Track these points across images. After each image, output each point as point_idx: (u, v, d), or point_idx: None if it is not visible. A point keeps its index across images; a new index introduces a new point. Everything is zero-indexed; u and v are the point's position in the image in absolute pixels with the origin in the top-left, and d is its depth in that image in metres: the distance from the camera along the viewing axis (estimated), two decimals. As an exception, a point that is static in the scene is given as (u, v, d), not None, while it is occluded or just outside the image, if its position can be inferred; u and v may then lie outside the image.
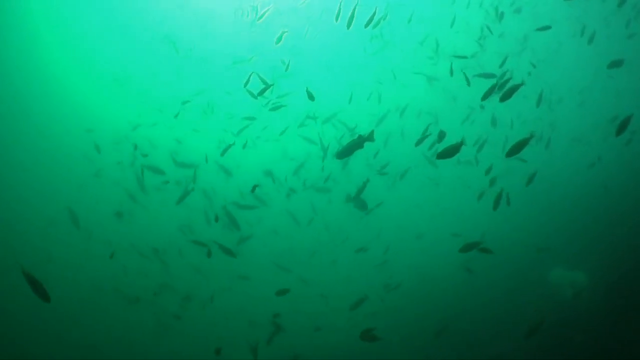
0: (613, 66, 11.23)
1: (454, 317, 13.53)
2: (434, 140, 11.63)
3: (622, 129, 7.74)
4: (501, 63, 10.46)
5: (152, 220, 16.69)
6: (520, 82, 7.20)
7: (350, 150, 7.57)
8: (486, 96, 8.06)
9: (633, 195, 14.49)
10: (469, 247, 7.52)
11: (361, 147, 7.50)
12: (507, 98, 7.31)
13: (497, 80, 9.37)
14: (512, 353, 11.68)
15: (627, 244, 12.61)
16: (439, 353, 12.82)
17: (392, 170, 15.32)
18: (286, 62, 10.45)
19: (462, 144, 6.36)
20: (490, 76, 9.63)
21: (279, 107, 10.93)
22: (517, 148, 6.57)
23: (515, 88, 7.16)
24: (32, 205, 17.16)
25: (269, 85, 8.99)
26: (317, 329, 12.87)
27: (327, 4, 18.57)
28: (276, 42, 10.35)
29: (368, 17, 9.73)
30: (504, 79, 8.64)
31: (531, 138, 6.54)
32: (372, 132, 7.46)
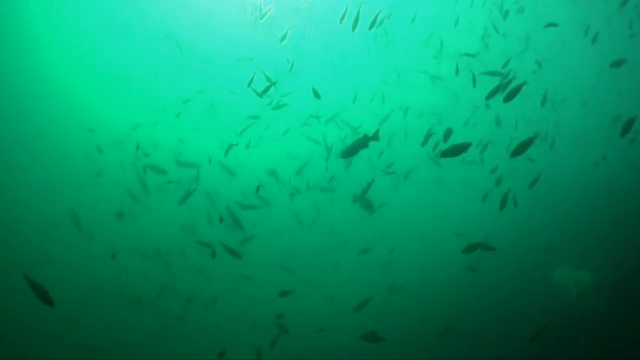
0: (616, 65, 11.20)
1: (458, 318, 13.46)
2: (439, 140, 11.55)
3: (627, 130, 7.67)
4: (505, 63, 10.39)
5: (154, 220, 16.62)
6: (523, 82, 7.11)
7: (355, 149, 7.47)
8: (490, 96, 7.97)
9: (637, 194, 14.43)
10: (472, 248, 7.42)
11: (366, 147, 7.40)
12: (511, 98, 7.24)
13: (502, 79, 9.29)
14: (517, 354, 11.60)
15: (631, 244, 12.55)
16: (443, 354, 12.74)
17: (396, 170, 15.27)
18: (291, 61, 10.36)
19: (470, 145, 6.26)
20: (496, 74, 9.55)
21: (282, 106, 10.84)
22: (522, 148, 6.51)
23: (518, 88, 7.09)
24: (33, 206, 17.10)
25: (273, 82, 8.90)
26: (321, 330, 12.78)
27: (330, 3, 18.51)
28: (280, 41, 10.28)
29: (371, 18, 9.65)
30: (508, 79, 8.57)
31: (535, 138, 6.47)
32: (378, 132, 7.37)
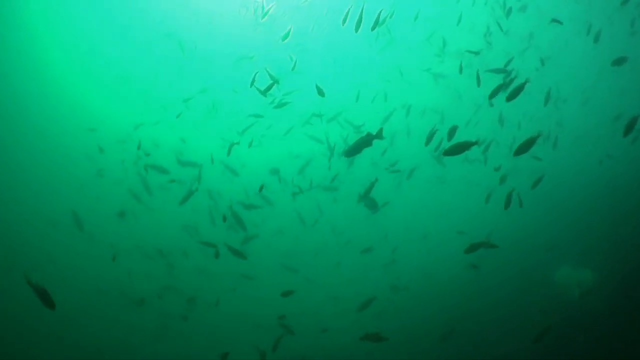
0: (617, 64, 11.19)
1: (461, 318, 13.44)
2: (442, 138, 11.51)
3: (630, 129, 7.65)
4: (507, 62, 10.35)
5: (156, 220, 16.57)
6: (525, 81, 7.08)
7: (358, 148, 7.46)
8: (493, 95, 7.94)
9: (638, 193, 14.41)
10: (474, 248, 7.40)
11: (370, 145, 7.38)
12: (514, 97, 7.21)
13: (504, 77, 9.25)
14: (519, 353, 11.58)
15: (634, 243, 12.53)
16: (446, 354, 12.71)
17: (399, 169, 15.19)
18: (293, 59, 10.34)
19: (475, 144, 6.20)
20: (500, 71, 9.52)
21: (285, 104, 10.81)
22: (525, 147, 6.50)
23: (521, 87, 7.05)
24: (35, 206, 17.05)
25: (276, 80, 8.84)
26: (324, 330, 12.74)
27: (331, 2, 18.46)
28: (283, 39, 10.24)
29: (373, 16, 9.62)
30: (510, 78, 8.53)
31: (539, 137, 6.44)
32: (381, 130, 7.35)
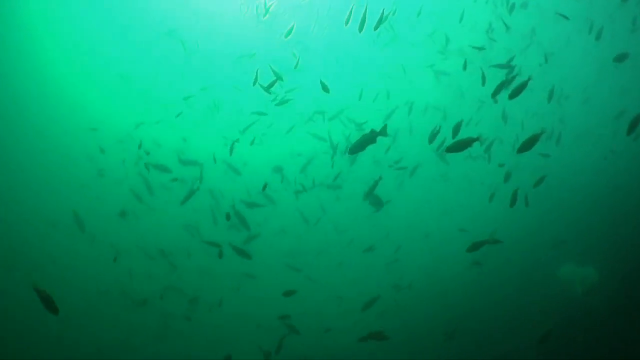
0: (618, 60, 11.16)
1: (463, 317, 13.40)
2: (444, 136, 11.47)
3: (633, 128, 7.60)
4: (509, 59, 10.30)
5: (158, 220, 16.52)
6: (528, 78, 7.02)
7: (362, 145, 7.37)
8: (496, 93, 7.88)
9: (640, 192, 14.40)
10: (477, 246, 7.34)
11: (374, 142, 7.30)
12: (517, 95, 7.15)
13: (506, 75, 9.20)
14: (521, 352, 11.55)
15: (633, 243, 12.50)
16: (448, 352, 12.67)
17: (403, 166, 15.13)
18: (297, 57, 10.24)
19: (476, 140, 6.14)
20: (505, 67, 9.48)
21: (287, 102, 10.74)
22: (529, 144, 6.46)
23: (524, 84, 7.00)
24: (36, 207, 16.99)
25: (280, 77, 8.77)
26: (327, 330, 12.68)
27: (332, 0, 18.42)
28: (286, 36, 10.17)
29: (374, 14, 9.56)
30: (512, 75, 8.47)
31: (542, 134, 6.38)
32: (385, 127, 7.26)
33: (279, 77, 8.78)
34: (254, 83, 9.16)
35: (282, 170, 14.39)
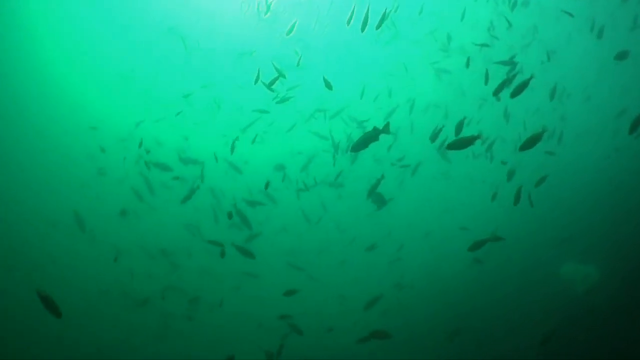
0: (619, 58, 11.14)
1: (465, 315, 13.37)
2: (446, 134, 11.43)
3: (635, 127, 7.55)
4: (511, 57, 10.29)
5: (159, 219, 16.49)
6: (530, 76, 7.00)
7: (365, 142, 7.32)
8: (498, 91, 7.86)
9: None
10: (478, 245, 7.32)
11: (377, 140, 7.26)
12: (518, 93, 7.14)
13: (508, 73, 9.19)
14: (523, 352, 11.51)
15: (635, 242, 12.47)
16: (450, 352, 12.63)
17: (405, 164, 15.10)
18: (299, 54, 10.22)
19: (478, 138, 6.11)
20: (508, 64, 9.47)
21: (288, 99, 10.71)
22: (531, 143, 6.46)
23: (526, 82, 6.98)
24: (36, 206, 16.95)
25: (282, 74, 8.73)
26: (329, 330, 12.62)
27: (334, -2, 18.39)
28: (288, 33, 10.14)
29: (375, 12, 9.51)
30: (514, 72, 8.45)
31: (544, 133, 6.37)
32: (388, 124, 7.21)
33: (282, 74, 8.74)
34: (256, 81, 9.12)
35: (285, 168, 14.34)
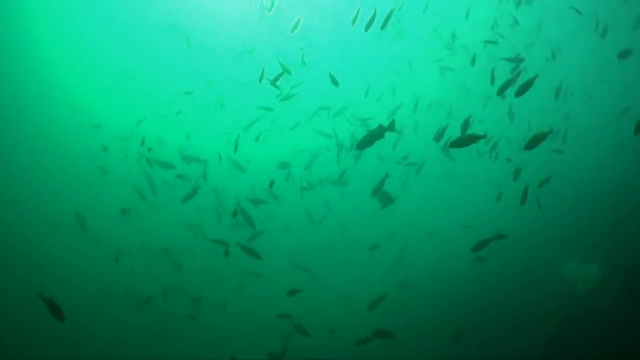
0: (622, 56, 11.11)
1: (468, 315, 13.32)
2: (451, 133, 11.39)
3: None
4: (515, 55, 10.23)
5: (161, 219, 16.44)
6: (534, 76, 6.96)
7: (370, 140, 7.26)
8: (502, 90, 7.81)
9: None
10: (482, 245, 7.26)
11: (382, 137, 7.19)
12: (523, 93, 7.09)
13: (512, 71, 9.13)
14: (525, 351, 11.47)
15: (637, 240, 12.41)
16: (453, 351, 12.58)
17: (409, 162, 15.05)
18: (303, 50, 10.16)
19: (482, 137, 6.05)
20: (513, 60, 9.41)
21: (291, 97, 10.65)
22: (536, 142, 6.43)
23: (530, 82, 6.95)
24: (36, 205, 16.89)
25: (287, 70, 8.65)
26: (332, 331, 12.55)
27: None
28: (292, 30, 10.07)
29: (380, 10, 9.46)
30: (518, 71, 8.41)
31: (550, 133, 6.33)
32: (393, 122, 7.15)
33: (287, 71, 8.66)
34: (260, 79, 9.05)
35: (289, 166, 14.27)
